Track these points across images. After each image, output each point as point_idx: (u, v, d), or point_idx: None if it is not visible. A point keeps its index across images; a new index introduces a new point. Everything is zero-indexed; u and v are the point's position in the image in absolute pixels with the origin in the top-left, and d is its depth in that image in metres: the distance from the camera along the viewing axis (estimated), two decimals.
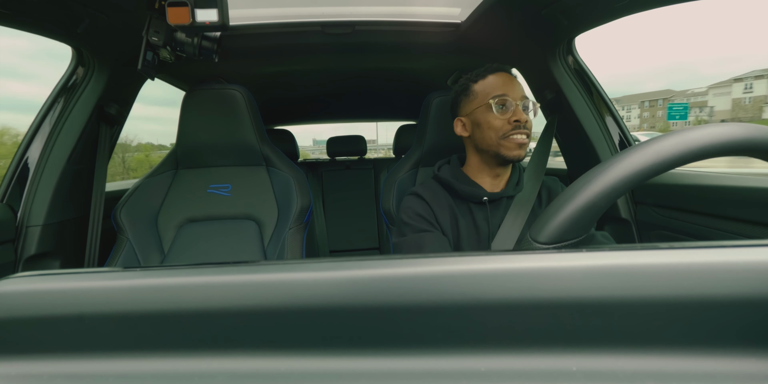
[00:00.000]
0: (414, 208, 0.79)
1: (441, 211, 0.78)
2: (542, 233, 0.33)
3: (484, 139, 0.77)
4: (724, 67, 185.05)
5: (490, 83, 0.77)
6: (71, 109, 0.99)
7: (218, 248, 0.99)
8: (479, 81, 0.79)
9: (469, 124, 0.81)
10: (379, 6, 1.01)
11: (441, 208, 0.79)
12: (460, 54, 1.26)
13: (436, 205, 0.79)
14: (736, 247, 0.20)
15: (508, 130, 0.74)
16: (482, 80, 0.79)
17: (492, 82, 0.77)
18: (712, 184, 0.81)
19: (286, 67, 1.36)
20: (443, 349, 0.19)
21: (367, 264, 0.21)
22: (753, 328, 0.18)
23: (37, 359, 0.20)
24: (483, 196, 0.77)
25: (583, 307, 0.19)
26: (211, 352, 0.20)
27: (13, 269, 0.90)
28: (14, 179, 0.95)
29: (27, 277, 0.22)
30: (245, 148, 1.06)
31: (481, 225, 0.78)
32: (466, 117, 0.81)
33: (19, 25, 0.81)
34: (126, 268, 0.23)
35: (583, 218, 0.32)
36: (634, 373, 0.18)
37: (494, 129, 0.75)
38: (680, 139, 0.31)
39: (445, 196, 0.81)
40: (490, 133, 0.76)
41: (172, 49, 0.79)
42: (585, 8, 0.88)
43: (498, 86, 0.76)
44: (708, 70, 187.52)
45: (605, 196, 0.32)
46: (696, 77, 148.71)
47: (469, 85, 0.81)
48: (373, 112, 2.43)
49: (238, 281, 0.21)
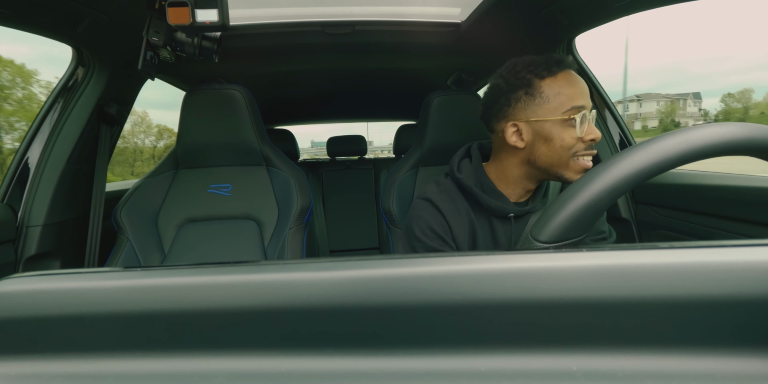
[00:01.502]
0: (428, 221, 0.69)
1: (458, 225, 0.68)
2: (543, 232, 0.33)
3: (551, 157, 0.62)
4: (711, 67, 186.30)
5: (565, 87, 0.61)
6: (71, 109, 0.99)
7: (218, 248, 0.99)
8: (548, 79, 0.62)
9: (530, 134, 0.63)
10: (379, 6, 1.01)
11: (458, 221, 0.69)
12: (460, 54, 1.26)
13: (453, 218, 0.69)
14: (736, 247, 0.20)
15: (579, 150, 0.61)
16: (552, 79, 0.62)
17: (566, 84, 0.61)
18: (713, 183, 0.81)
19: (286, 67, 1.36)
20: (443, 349, 0.19)
21: (367, 264, 0.21)
22: (753, 328, 0.18)
23: (37, 359, 0.20)
24: (510, 212, 0.67)
25: (583, 307, 0.19)
26: (211, 352, 0.20)
27: (14, 269, 0.90)
28: (14, 179, 0.95)
29: (27, 277, 0.22)
30: (245, 148, 1.06)
31: (501, 241, 0.69)
32: (526, 123, 0.63)
33: (19, 25, 0.81)
34: (126, 268, 0.23)
35: (584, 217, 0.32)
36: (634, 373, 0.18)
37: (566, 147, 0.61)
38: (681, 138, 0.31)
39: (464, 204, 0.70)
40: (560, 152, 0.61)
41: (172, 49, 0.79)
42: (585, 8, 0.89)
43: (576, 94, 0.61)
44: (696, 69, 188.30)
45: (606, 196, 0.32)
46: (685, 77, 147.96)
47: (532, 82, 0.63)
48: (373, 112, 2.43)
49: (238, 281, 0.21)
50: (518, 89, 0.64)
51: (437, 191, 0.72)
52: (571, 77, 0.62)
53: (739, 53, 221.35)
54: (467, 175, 0.71)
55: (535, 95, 0.62)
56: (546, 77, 0.62)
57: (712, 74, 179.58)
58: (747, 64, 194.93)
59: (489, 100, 0.69)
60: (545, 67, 0.63)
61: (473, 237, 0.69)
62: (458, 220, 0.69)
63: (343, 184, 2.17)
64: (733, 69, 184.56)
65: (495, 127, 0.68)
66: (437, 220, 0.68)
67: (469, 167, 0.72)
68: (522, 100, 0.64)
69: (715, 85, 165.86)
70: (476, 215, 0.70)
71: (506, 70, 0.67)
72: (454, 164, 0.74)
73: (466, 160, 0.74)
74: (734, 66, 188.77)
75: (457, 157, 0.75)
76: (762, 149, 0.31)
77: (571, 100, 0.61)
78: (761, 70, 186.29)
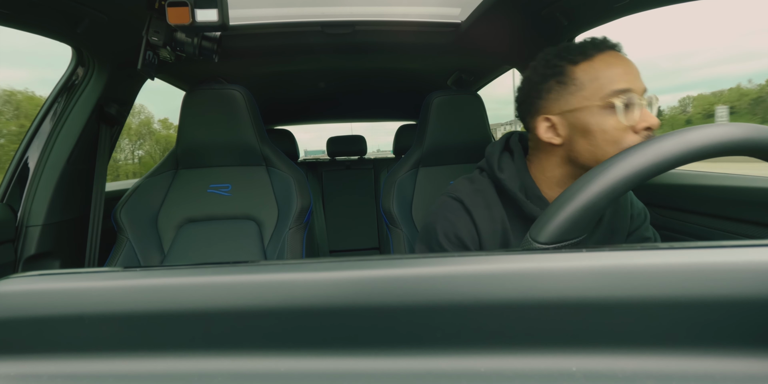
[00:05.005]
0: (454, 225, 0.60)
1: (489, 233, 0.60)
2: (542, 233, 0.33)
3: (594, 153, 0.53)
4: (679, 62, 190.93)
5: (604, 70, 0.52)
6: (71, 109, 0.99)
7: (218, 248, 0.99)
8: (582, 63, 0.54)
9: (566, 127, 0.56)
10: (379, 6, 1.01)
11: (490, 229, 0.60)
12: (460, 54, 1.26)
13: (485, 225, 0.60)
14: (736, 247, 0.20)
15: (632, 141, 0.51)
16: (587, 62, 0.53)
17: (605, 66, 0.53)
18: (712, 184, 0.81)
19: (286, 67, 1.36)
20: (443, 349, 0.19)
21: (367, 264, 0.21)
22: (753, 328, 0.18)
23: (37, 359, 0.20)
24: None
25: (583, 307, 0.19)
26: (211, 352, 0.20)
27: (13, 269, 0.90)
28: (14, 179, 0.95)
29: (27, 277, 0.22)
30: (245, 148, 1.06)
31: None
32: (560, 116, 0.56)
33: (19, 25, 0.81)
34: (126, 268, 0.23)
35: (583, 218, 0.32)
36: (634, 373, 0.18)
37: (612, 140, 0.52)
38: (680, 139, 0.31)
39: (499, 210, 0.60)
40: (605, 146, 0.52)
41: (172, 49, 0.79)
42: (585, 8, 0.89)
43: (617, 75, 0.52)
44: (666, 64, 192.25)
45: (605, 197, 0.32)
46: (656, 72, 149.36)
47: (565, 68, 0.55)
48: (373, 112, 2.43)
49: (238, 281, 0.21)
50: (549, 79, 0.56)
51: (471, 191, 0.62)
52: (611, 58, 0.53)
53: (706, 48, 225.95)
54: (510, 177, 0.61)
55: (568, 83, 0.54)
56: (580, 62, 0.54)
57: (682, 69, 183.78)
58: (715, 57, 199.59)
59: (520, 96, 0.62)
60: (580, 51, 0.55)
61: (505, 245, 0.60)
62: (490, 228, 0.60)
63: (343, 184, 2.17)
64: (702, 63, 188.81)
65: (529, 123, 0.61)
66: (466, 227, 0.60)
67: (511, 166, 0.62)
68: (554, 91, 0.56)
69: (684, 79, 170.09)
70: (512, 223, 0.60)
71: (537, 60, 0.60)
72: (494, 160, 0.63)
73: (507, 155, 0.64)
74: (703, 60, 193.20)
75: (495, 150, 0.65)
76: (761, 149, 0.31)
77: (611, 83, 0.52)
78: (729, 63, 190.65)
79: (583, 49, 0.55)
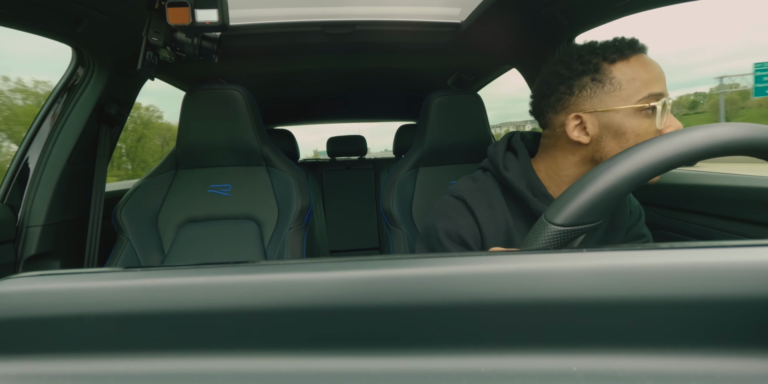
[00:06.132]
0: (456, 224, 0.60)
1: (491, 232, 0.59)
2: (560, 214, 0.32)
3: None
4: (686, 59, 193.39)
5: (641, 72, 0.52)
6: (71, 109, 0.99)
7: (218, 248, 0.99)
8: (619, 63, 0.53)
9: (596, 127, 0.54)
10: (379, 6, 1.01)
11: (493, 228, 0.60)
12: (460, 54, 1.26)
13: (488, 224, 0.59)
14: (736, 247, 0.20)
15: None
16: (625, 62, 0.53)
17: (642, 68, 0.53)
18: (713, 184, 0.81)
19: (286, 67, 1.36)
20: (443, 349, 0.19)
21: (368, 264, 0.21)
22: (753, 328, 0.18)
23: (37, 359, 0.20)
24: None
25: (583, 307, 0.19)
26: (211, 352, 0.20)
27: (14, 269, 0.90)
28: (14, 179, 0.95)
29: (27, 277, 0.22)
30: (245, 148, 1.06)
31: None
32: (593, 115, 0.54)
33: (19, 26, 0.81)
34: (126, 268, 0.23)
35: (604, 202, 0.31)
36: (634, 373, 0.18)
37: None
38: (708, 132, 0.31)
39: (502, 209, 0.60)
40: None
41: (172, 49, 0.79)
42: (585, 8, 0.89)
43: (654, 79, 0.52)
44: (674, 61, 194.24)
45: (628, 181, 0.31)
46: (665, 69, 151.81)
47: (600, 66, 0.54)
48: (373, 112, 2.43)
49: (238, 281, 0.21)
50: (583, 75, 0.55)
51: (474, 190, 0.62)
52: (646, 61, 0.54)
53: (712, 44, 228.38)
54: (516, 175, 0.60)
55: (605, 82, 0.54)
56: (617, 61, 0.53)
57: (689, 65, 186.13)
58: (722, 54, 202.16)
59: (544, 90, 0.60)
60: (616, 49, 0.54)
61: (509, 245, 0.60)
62: (493, 227, 0.60)
63: (343, 185, 2.17)
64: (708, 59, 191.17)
65: (552, 120, 0.59)
66: (468, 226, 0.60)
67: (516, 164, 0.62)
68: (588, 88, 0.55)
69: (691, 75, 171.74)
70: (515, 221, 0.60)
71: (567, 55, 0.58)
72: (498, 159, 0.63)
73: (510, 154, 0.64)
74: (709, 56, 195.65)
75: (499, 149, 0.64)
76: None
77: (648, 87, 0.52)
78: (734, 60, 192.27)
79: (620, 47, 0.54)
